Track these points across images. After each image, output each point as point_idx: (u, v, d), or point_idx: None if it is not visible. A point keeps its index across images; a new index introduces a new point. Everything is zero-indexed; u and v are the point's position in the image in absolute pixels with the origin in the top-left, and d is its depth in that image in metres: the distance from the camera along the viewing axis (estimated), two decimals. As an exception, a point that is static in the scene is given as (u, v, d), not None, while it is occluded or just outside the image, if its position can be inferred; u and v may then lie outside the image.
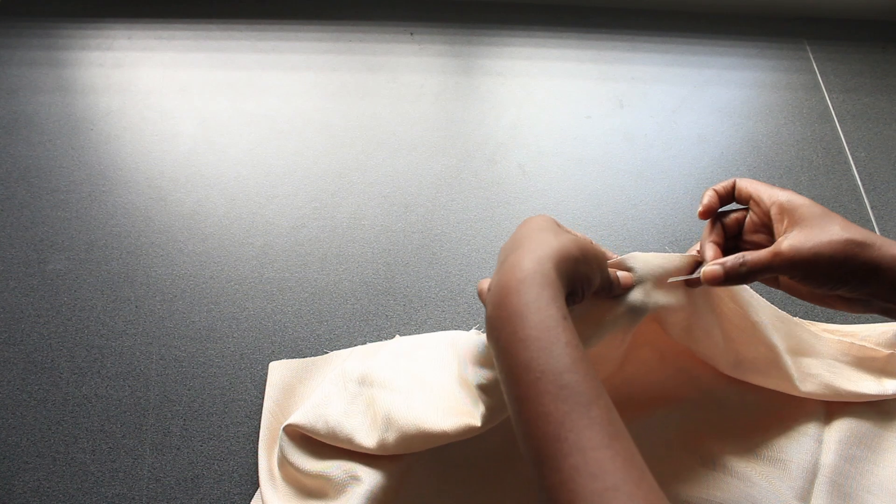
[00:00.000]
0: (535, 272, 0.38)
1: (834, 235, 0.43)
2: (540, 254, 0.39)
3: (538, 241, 0.41)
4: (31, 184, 0.83)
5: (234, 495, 0.60)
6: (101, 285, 0.74)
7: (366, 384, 0.59)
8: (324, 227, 0.79)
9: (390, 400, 0.56)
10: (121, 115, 0.91)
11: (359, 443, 0.56)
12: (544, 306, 0.36)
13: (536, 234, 0.42)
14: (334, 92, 0.94)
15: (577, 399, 0.34)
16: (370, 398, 0.58)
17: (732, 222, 0.51)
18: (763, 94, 0.94)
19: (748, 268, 0.45)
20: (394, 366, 0.60)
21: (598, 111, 0.91)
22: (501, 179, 0.83)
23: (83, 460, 0.62)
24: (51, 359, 0.68)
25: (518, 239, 0.42)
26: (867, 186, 0.82)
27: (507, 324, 0.37)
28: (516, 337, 0.36)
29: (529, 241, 0.41)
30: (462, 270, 0.75)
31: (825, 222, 0.44)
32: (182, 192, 0.82)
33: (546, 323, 0.36)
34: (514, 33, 1.02)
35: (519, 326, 0.36)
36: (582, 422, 0.33)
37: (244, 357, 0.68)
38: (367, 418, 0.57)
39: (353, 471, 0.56)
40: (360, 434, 0.56)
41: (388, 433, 0.55)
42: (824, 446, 0.58)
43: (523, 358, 0.35)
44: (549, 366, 0.35)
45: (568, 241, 0.41)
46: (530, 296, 0.37)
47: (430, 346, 0.63)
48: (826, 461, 0.57)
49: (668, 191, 0.82)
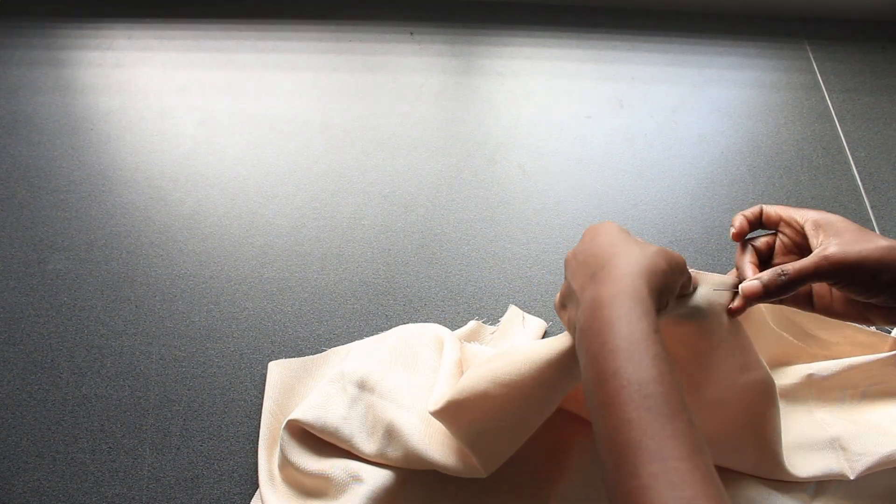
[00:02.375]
0: (628, 287, 0.39)
1: (878, 241, 0.44)
2: (630, 269, 0.40)
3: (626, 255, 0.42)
4: (31, 184, 0.83)
5: (234, 495, 0.60)
6: (101, 285, 0.74)
7: (366, 389, 0.59)
8: (324, 227, 0.79)
9: (393, 415, 0.57)
10: (121, 115, 0.91)
11: (359, 447, 0.56)
12: (636, 320, 0.38)
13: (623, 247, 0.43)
14: (334, 92, 0.94)
15: (661, 409, 0.34)
16: (370, 404, 0.58)
17: (763, 246, 0.52)
18: (763, 94, 0.94)
19: (789, 277, 0.45)
20: (392, 377, 0.60)
21: (598, 111, 0.91)
22: (501, 179, 0.83)
23: (83, 460, 0.62)
24: (51, 359, 0.68)
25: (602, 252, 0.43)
26: (867, 186, 0.82)
27: (598, 334, 0.38)
28: (606, 347, 0.37)
29: (617, 257, 0.42)
30: (462, 270, 0.75)
31: (864, 232, 0.45)
32: (182, 192, 0.82)
33: (636, 335, 0.37)
34: (514, 33, 1.02)
35: (609, 337, 0.37)
36: (664, 431, 0.34)
37: (244, 357, 0.68)
38: (366, 424, 0.57)
39: (356, 471, 0.56)
40: (360, 439, 0.57)
41: (390, 448, 0.56)
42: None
43: (611, 367, 0.36)
44: (635, 376, 0.35)
45: (655, 255, 0.42)
46: (622, 310, 0.38)
47: (427, 354, 0.63)
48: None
49: (668, 191, 0.82)
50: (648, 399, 0.35)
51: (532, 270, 0.74)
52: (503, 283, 0.73)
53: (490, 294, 0.72)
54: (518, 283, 0.73)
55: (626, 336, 0.37)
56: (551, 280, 0.73)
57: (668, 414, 0.34)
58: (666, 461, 0.33)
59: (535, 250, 0.76)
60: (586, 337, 0.40)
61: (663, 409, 0.34)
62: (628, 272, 0.40)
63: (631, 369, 0.36)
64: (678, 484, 0.32)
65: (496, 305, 0.71)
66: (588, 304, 0.41)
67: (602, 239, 0.45)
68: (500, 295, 0.72)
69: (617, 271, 0.41)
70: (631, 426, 0.34)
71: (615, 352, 0.37)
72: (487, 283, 0.73)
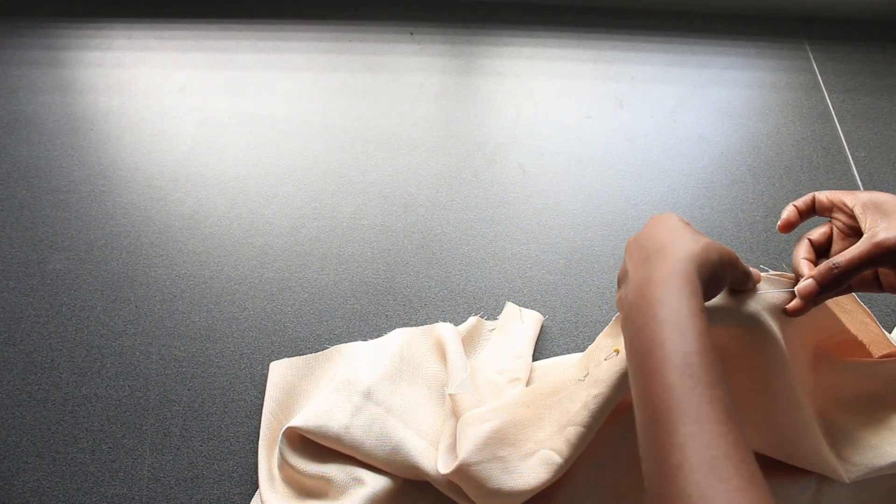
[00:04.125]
0: (680, 271, 0.41)
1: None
2: (684, 255, 0.42)
3: (681, 242, 0.43)
4: (31, 184, 0.83)
5: (234, 495, 0.60)
6: (101, 285, 0.74)
7: (372, 400, 0.60)
8: (324, 227, 0.79)
9: (402, 435, 0.58)
10: (121, 115, 0.91)
11: (365, 452, 0.57)
12: (685, 298, 0.39)
13: (679, 234, 0.44)
14: (334, 92, 0.94)
15: (701, 377, 0.36)
16: (376, 416, 0.59)
17: (820, 238, 0.52)
18: (763, 94, 0.94)
19: (841, 269, 0.45)
20: (399, 394, 0.61)
21: (598, 111, 0.91)
22: (501, 179, 0.83)
23: (83, 460, 0.62)
24: (51, 359, 0.68)
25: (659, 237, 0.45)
26: (867, 186, 0.82)
27: (648, 308, 0.40)
28: (655, 319, 0.39)
29: (673, 243, 0.43)
30: (462, 270, 0.75)
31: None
32: (182, 192, 0.82)
33: (684, 311, 0.39)
34: (514, 33, 1.02)
35: (658, 310, 0.39)
36: (703, 398, 0.35)
37: (244, 357, 0.68)
38: (370, 435, 0.57)
39: (356, 473, 0.56)
40: (364, 448, 0.57)
41: (395, 457, 0.57)
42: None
43: (658, 337, 0.38)
44: (680, 346, 0.37)
45: (708, 246, 0.43)
46: (672, 289, 0.40)
47: (429, 364, 0.64)
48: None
49: (668, 191, 0.82)
50: (690, 367, 0.37)
51: (532, 270, 0.74)
52: (503, 282, 0.73)
53: (490, 294, 0.72)
54: (518, 283, 0.73)
55: (676, 311, 0.39)
56: (551, 280, 0.73)
57: (707, 383, 0.36)
58: (702, 423, 0.34)
59: (535, 250, 0.76)
60: (635, 310, 0.41)
61: (704, 378, 0.36)
62: (681, 257, 0.42)
63: (678, 340, 0.38)
64: (712, 444, 0.34)
65: (496, 305, 0.71)
66: (639, 281, 0.42)
67: (661, 226, 0.46)
68: (500, 294, 0.72)
69: (670, 255, 0.42)
70: (672, 390, 0.36)
71: (663, 324, 0.39)
72: (487, 282, 0.73)
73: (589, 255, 0.76)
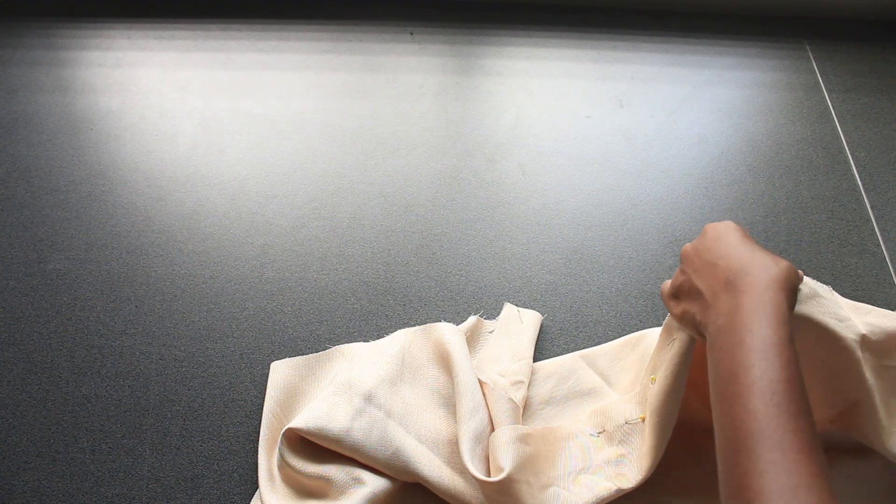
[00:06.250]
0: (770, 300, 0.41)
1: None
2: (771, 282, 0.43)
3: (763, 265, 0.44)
4: (31, 184, 0.83)
5: (234, 495, 0.60)
6: (101, 285, 0.74)
7: (373, 403, 0.60)
8: (324, 227, 0.79)
9: (402, 441, 0.58)
10: (121, 115, 0.91)
11: (365, 455, 0.57)
12: (776, 326, 0.40)
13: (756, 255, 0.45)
14: (334, 92, 0.94)
15: (787, 406, 0.37)
16: (376, 419, 0.59)
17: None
18: (763, 94, 0.94)
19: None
20: (400, 398, 0.61)
21: (598, 111, 0.91)
22: (501, 179, 0.83)
23: (83, 460, 0.62)
24: (51, 359, 0.68)
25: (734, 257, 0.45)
26: (867, 186, 0.82)
27: (736, 333, 0.41)
28: (743, 345, 0.40)
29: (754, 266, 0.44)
30: (462, 270, 0.75)
31: None
32: (182, 192, 0.82)
33: (772, 339, 0.39)
34: (514, 33, 1.02)
35: (747, 337, 0.40)
36: (788, 426, 0.36)
37: (244, 357, 0.68)
38: (370, 438, 0.57)
39: (356, 473, 0.56)
40: (364, 451, 0.57)
41: (395, 462, 0.57)
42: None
43: (745, 362, 0.39)
44: (768, 373, 0.38)
45: (788, 269, 0.44)
46: (762, 316, 0.41)
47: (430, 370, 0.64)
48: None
49: (668, 191, 0.82)
50: (777, 395, 0.37)
51: (531, 270, 0.74)
52: (503, 282, 0.73)
53: (490, 294, 0.72)
54: (517, 283, 0.73)
55: (764, 338, 0.39)
56: (551, 280, 0.73)
57: (793, 412, 0.36)
58: (785, 452, 0.35)
59: (534, 250, 0.76)
60: (723, 335, 0.42)
61: (790, 407, 0.36)
62: (768, 284, 0.42)
63: (765, 366, 0.38)
64: (794, 473, 0.34)
65: (496, 305, 0.71)
66: (729, 308, 0.43)
67: (729, 242, 0.47)
68: (500, 295, 0.72)
69: (757, 282, 0.43)
70: (756, 416, 0.36)
71: (752, 350, 0.39)
72: (487, 282, 0.73)
73: (589, 255, 0.76)
